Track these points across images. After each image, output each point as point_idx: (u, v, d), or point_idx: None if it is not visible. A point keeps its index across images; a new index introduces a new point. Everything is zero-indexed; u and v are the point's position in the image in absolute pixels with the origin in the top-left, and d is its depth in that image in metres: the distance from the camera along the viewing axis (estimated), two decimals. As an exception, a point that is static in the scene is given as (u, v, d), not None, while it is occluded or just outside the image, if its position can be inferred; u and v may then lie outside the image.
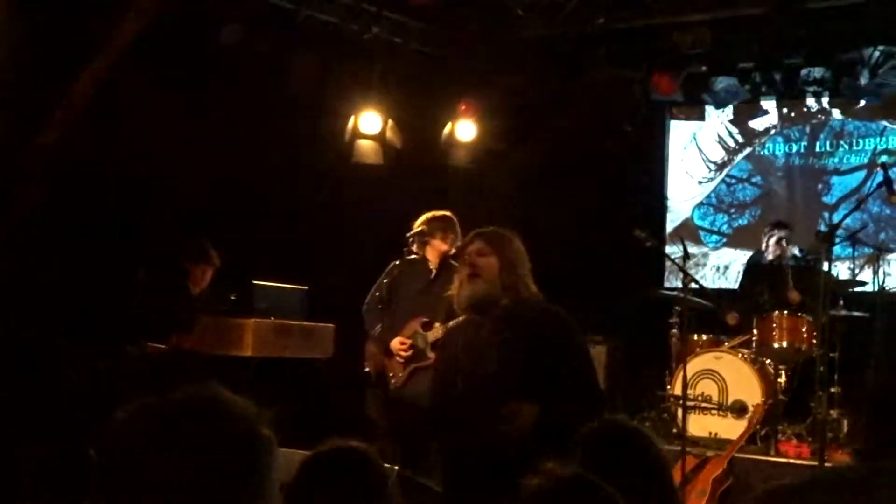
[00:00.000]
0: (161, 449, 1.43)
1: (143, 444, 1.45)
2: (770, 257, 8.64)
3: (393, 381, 6.68)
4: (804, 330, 7.92)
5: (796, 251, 8.67)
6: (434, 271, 6.77)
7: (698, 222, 10.73)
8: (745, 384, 7.90)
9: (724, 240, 10.60)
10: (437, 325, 6.32)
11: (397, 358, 6.64)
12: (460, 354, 4.05)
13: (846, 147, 10.07)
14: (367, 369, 6.86)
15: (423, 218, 6.77)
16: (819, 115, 10.23)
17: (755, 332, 8.14)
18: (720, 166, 10.66)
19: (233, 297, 7.73)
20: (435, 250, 6.73)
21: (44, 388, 6.83)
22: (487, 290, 4.05)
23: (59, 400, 6.73)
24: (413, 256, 6.81)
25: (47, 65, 7.55)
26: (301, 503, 2.61)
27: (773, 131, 10.43)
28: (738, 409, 7.86)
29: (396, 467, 5.88)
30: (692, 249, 9.66)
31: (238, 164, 9.19)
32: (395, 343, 6.63)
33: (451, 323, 4.32)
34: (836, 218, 8.96)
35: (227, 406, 1.49)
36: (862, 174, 9.93)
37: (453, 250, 6.77)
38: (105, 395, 6.59)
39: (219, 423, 1.46)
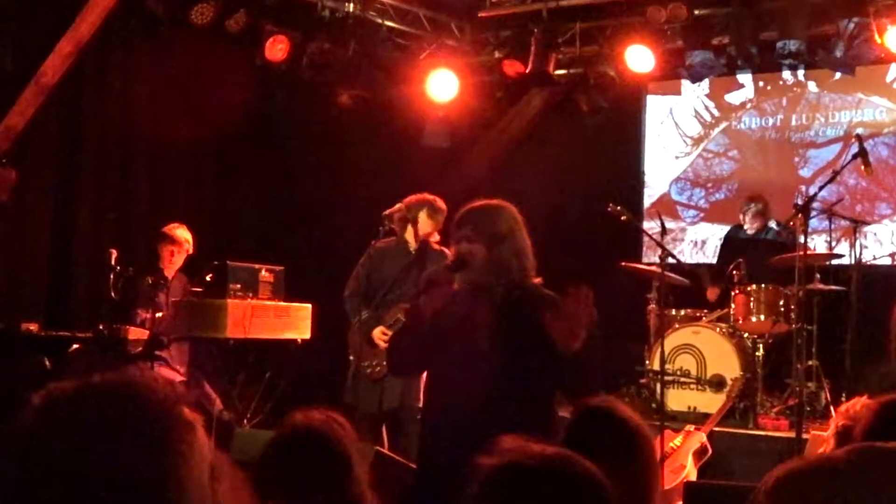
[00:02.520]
0: (70, 432, 1.42)
1: (52, 427, 1.44)
2: (751, 232, 8.64)
3: (374, 369, 6.63)
4: (781, 303, 7.93)
5: (773, 224, 8.68)
6: (412, 254, 6.71)
7: (675, 197, 10.72)
8: (723, 358, 7.92)
9: (702, 214, 10.61)
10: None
11: (379, 347, 6.60)
12: (451, 331, 3.96)
13: (822, 120, 10.08)
14: (350, 357, 6.82)
15: (407, 200, 6.68)
16: (795, 89, 10.23)
17: (733, 306, 8.16)
18: (697, 141, 10.65)
19: (208, 279, 7.69)
20: (415, 233, 6.66)
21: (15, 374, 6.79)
22: (476, 279, 3.94)
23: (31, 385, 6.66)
24: (391, 238, 6.75)
25: (16, 43, 7.46)
26: (265, 483, 2.59)
27: (749, 105, 10.43)
28: (717, 384, 7.88)
29: (375, 447, 5.88)
30: (669, 224, 9.65)
31: (211, 143, 9.15)
32: (377, 333, 6.58)
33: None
34: (812, 191, 8.95)
35: (141, 389, 1.47)
36: (838, 147, 9.94)
37: (435, 234, 6.71)
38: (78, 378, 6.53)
39: (131, 405, 1.45)
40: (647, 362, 8.21)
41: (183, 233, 7.68)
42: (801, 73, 10.00)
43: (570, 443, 2.68)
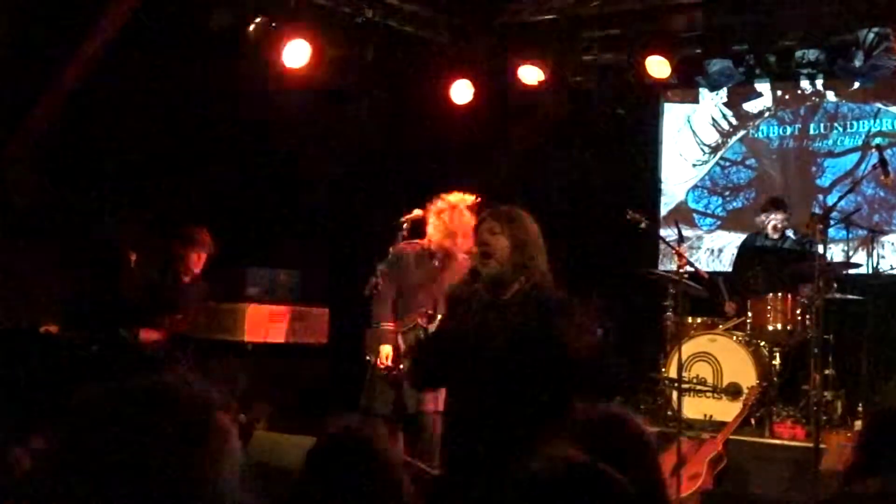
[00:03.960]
0: (108, 434, 1.48)
1: (94, 427, 1.49)
2: (776, 237, 8.59)
3: (393, 372, 6.65)
4: (798, 312, 7.92)
5: (791, 233, 8.67)
6: (438, 260, 6.69)
7: (692, 205, 10.71)
8: (739, 366, 7.91)
9: (719, 222, 10.59)
10: (440, 317, 6.28)
11: (399, 349, 6.62)
12: (470, 331, 3.99)
13: (840, 129, 10.06)
14: (367, 358, 6.83)
15: (431, 205, 6.67)
16: (813, 98, 10.21)
17: (749, 314, 8.15)
18: (714, 149, 10.64)
19: (227, 283, 7.73)
20: (440, 237, 6.65)
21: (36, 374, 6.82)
22: (499, 271, 4.01)
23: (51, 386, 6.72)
24: (414, 242, 6.75)
25: (36, 49, 7.51)
26: (310, 491, 2.60)
27: (767, 114, 10.42)
28: (733, 392, 7.87)
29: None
30: (686, 232, 9.63)
31: (230, 147, 9.18)
32: (386, 351, 6.60)
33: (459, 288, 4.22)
34: (830, 200, 8.94)
35: (179, 393, 1.52)
36: (856, 156, 9.92)
37: (458, 239, 6.69)
38: (97, 380, 6.57)
39: (168, 409, 1.49)
40: (664, 370, 8.20)
41: (206, 236, 7.72)
42: (819, 82, 9.99)
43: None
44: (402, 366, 6.64)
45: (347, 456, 2.59)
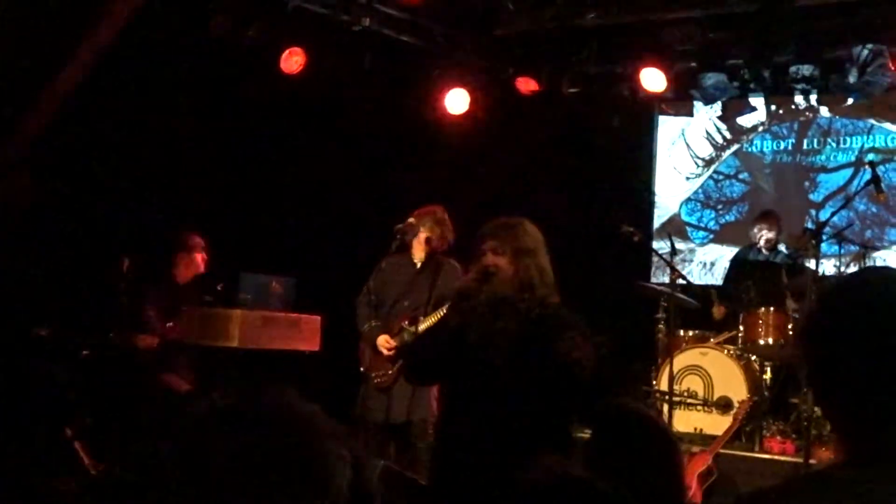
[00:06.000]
0: (235, 454, 1.42)
1: (216, 444, 1.43)
2: (767, 251, 8.61)
3: (381, 378, 6.66)
4: (790, 327, 7.93)
5: (783, 248, 8.69)
6: (419, 264, 6.76)
7: (685, 218, 10.74)
8: (730, 380, 7.91)
9: (711, 236, 10.62)
10: (422, 319, 6.32)
11: (384, 355, 6.63)
12: (472, 330, 3.95)
13: (833, 145, 10.10)
14: (361, 368, 6.84)
15: (415, 214, 6.75)
16: (807, 113, 10.25)
17: (741, 328, 8.16)
18: (708, 162, 10.67)
19: (219, 288, 7.71)
20: (420, 244, 6.73)
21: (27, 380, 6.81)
22: (504, 291, 3.95)
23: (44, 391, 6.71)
24: (406, 251, 6.79)
25: (33, 52, 7.51)
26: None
27: (761, 128, 10.45)
28: (724, 405, 7.88)
29: (383, 461, 5.90)
30: (679, 245, 9.66)
31: (226, 154, 9.18)
32: (381, 340, 6.61)
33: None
34: (823, 215, 8.95)
35: (306, 419, 1.46)
36: (849, 172, 9.96)
37: (442, 244, 6.74)
38: (89, 385, 6.59)
39: (297, 437, 1.45)
40: (655, 382, 8.21)
41: (199, 241, 7.73)
42: (813, 97, 10.02)
43: (600, 444, 2.70)
44: (389, 371, 6.65)
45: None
